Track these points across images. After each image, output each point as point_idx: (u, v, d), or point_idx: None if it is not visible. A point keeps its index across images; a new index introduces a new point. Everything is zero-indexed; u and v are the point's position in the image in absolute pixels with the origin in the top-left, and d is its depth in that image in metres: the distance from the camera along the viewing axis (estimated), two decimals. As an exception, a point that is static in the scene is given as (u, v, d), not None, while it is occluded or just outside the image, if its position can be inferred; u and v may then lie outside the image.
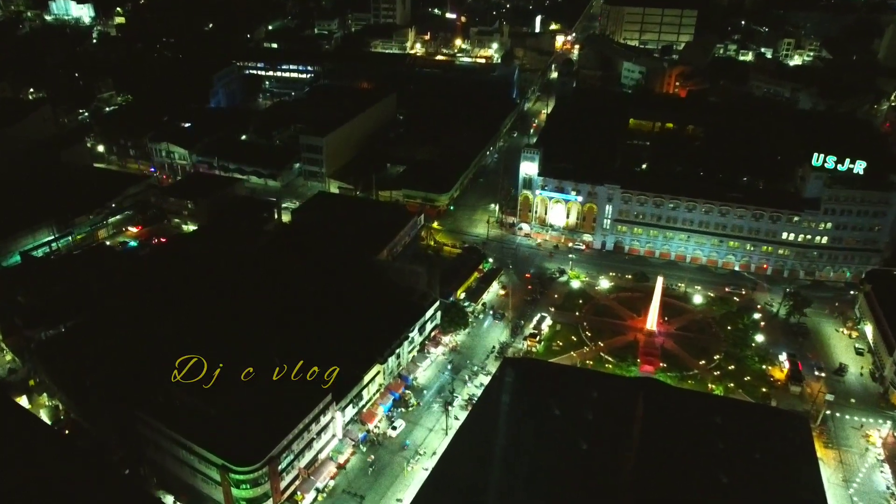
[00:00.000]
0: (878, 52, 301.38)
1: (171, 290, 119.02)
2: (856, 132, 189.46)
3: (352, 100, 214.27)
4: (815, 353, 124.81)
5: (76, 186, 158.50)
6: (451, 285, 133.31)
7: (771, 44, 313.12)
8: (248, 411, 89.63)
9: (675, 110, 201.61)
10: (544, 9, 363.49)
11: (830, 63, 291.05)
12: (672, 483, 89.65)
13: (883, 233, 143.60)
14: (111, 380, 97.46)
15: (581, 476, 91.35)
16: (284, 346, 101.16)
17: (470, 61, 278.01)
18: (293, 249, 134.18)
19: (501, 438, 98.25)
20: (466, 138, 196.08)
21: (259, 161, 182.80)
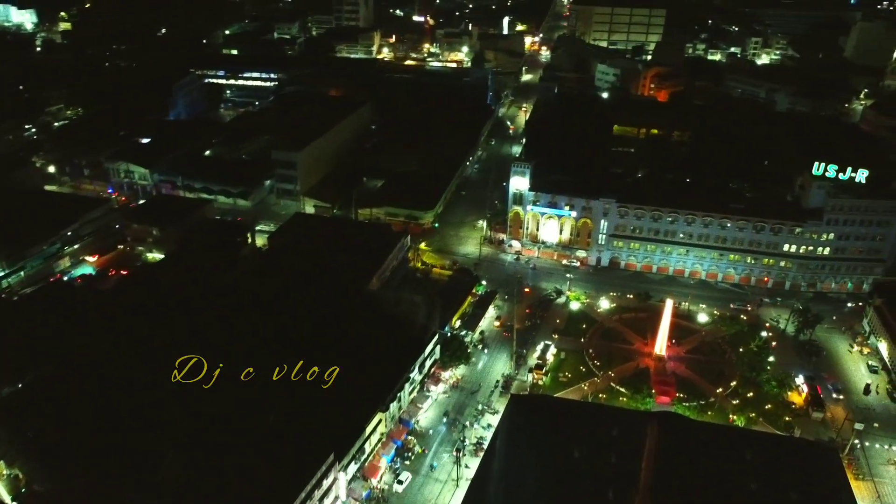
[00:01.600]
0: (844, 50, 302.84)
1: (141, 330, 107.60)
2: (844, 135, 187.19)
3: (322, 108, 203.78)
4: (831, 374, 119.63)
5: (26, 213, 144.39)
6: (446, 313, 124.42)
7: (739, 42, 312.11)
8: (243, 481, 79.33)
9: (659, 115, 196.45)
10: (508, 9, 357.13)
11: (800, 61, 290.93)
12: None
13: (887, 243, 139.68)
14: (82, 444, 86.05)
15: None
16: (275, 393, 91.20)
17: (440, 65, 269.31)
18: (273, 280, 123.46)
19: (520, 489, 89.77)
20: (446, 148, 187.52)
21: (227, 179, 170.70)
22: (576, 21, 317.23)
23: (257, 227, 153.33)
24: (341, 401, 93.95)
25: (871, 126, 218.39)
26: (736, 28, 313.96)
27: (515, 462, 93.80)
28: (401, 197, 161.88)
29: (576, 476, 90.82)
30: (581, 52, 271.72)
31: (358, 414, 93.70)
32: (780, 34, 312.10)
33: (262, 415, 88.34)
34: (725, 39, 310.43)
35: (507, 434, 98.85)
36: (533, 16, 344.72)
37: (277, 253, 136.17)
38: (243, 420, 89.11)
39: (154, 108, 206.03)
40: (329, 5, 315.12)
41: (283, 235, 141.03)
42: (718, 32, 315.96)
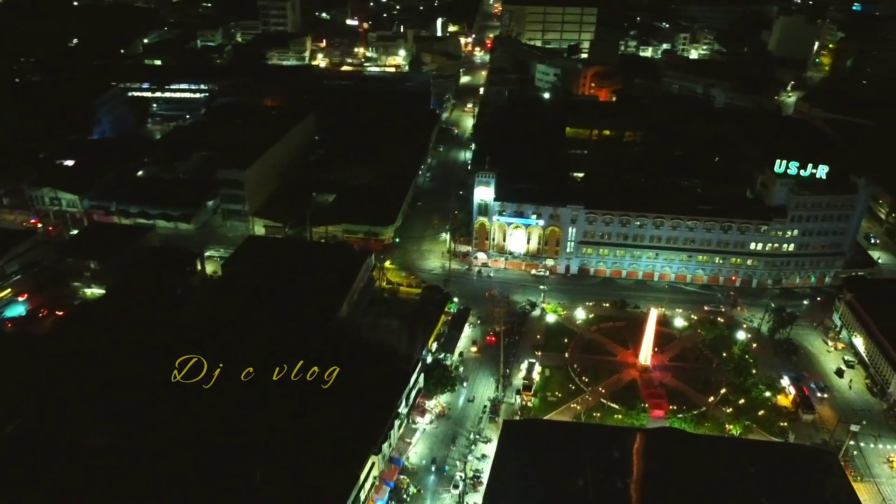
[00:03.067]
0: (767, 44, 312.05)
1: (88, 382, 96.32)
2: (790, 128, 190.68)
3: (261, 120, 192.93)
4: (811, 372, 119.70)
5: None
6: (422, 336, 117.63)
7: (668, 39, 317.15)
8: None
9: (610, 116, 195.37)
10: (436, 10, 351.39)
11: (728, 56, 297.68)
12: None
13: (847, 236, 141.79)
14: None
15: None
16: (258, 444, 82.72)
17: (379, 70, 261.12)
18: (233, 313, 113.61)
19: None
20: (397, 157, 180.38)
21: (165, 201, 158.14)
22: (509, 21, 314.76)
23: (207, 252, 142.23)
24: (330, 446, 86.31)
25: (805, 118, 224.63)
26: (667, 25, 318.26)
27: (520, 497, 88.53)
28: (358, 212, 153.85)
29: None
30: (519, 53, 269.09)
31: (350, 460, 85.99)
32: (707, 30, 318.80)
33: (246, 473, 79.58)
34: (656, 36, 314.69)
35: (506, 465, 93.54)
36: (463, 16, 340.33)
37: (233, 282, 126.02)
38: (225, 480, 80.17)
39: (75, 126, 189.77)
40: (254, 10, 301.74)
41: (238, 261, 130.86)
42: (648, 29, 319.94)
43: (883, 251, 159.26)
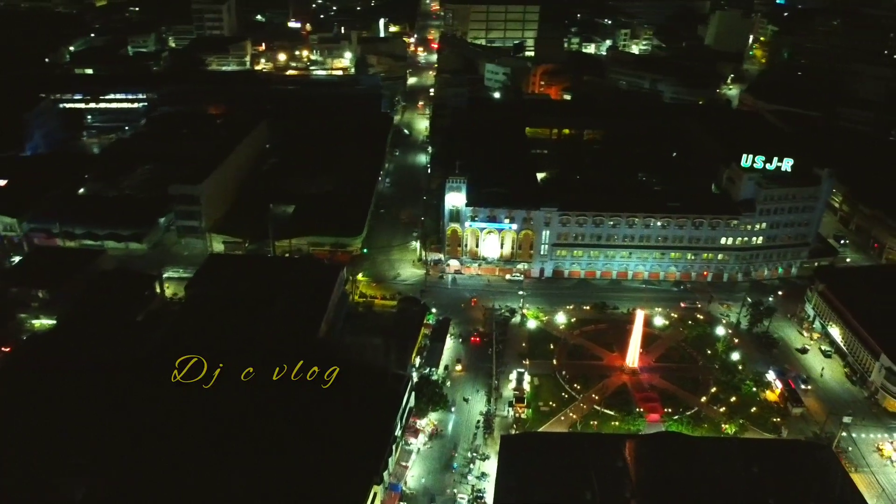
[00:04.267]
0: (704, 38, 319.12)
1: (46, 424, 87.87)
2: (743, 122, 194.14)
3: (208, 130, 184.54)
4: (792, 365, 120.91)
5: None
6: (404, 351, 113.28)
7: (609, 35, 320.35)
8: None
9: (570, 115, 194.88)
10: (374, 10, 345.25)
11: (668, 51, 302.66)
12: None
13: (811, 227, 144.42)
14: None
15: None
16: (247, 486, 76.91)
17: (326, 73, 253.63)
18: (202, 340, 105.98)
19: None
20: (355, 163, 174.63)
21: (113, 220, 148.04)
22: (452, 20, 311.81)
23: (166, 274, 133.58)
24: (330, 478, 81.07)
25: (748, 108, 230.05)
26: (610, 21, 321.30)
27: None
28: (321, 223, 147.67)
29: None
30: (466, 53, 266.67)
31: (352, 494, 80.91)
32: (646, 25, 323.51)
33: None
34: (598, 33, 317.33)
35: (509, 484, 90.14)
36: (403, 16, 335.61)
37: (199, 305, 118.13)
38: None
39: (5, 142, 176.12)
40: (187, 14, 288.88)
41: (202, 283, 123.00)
42: (590, 26, 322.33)
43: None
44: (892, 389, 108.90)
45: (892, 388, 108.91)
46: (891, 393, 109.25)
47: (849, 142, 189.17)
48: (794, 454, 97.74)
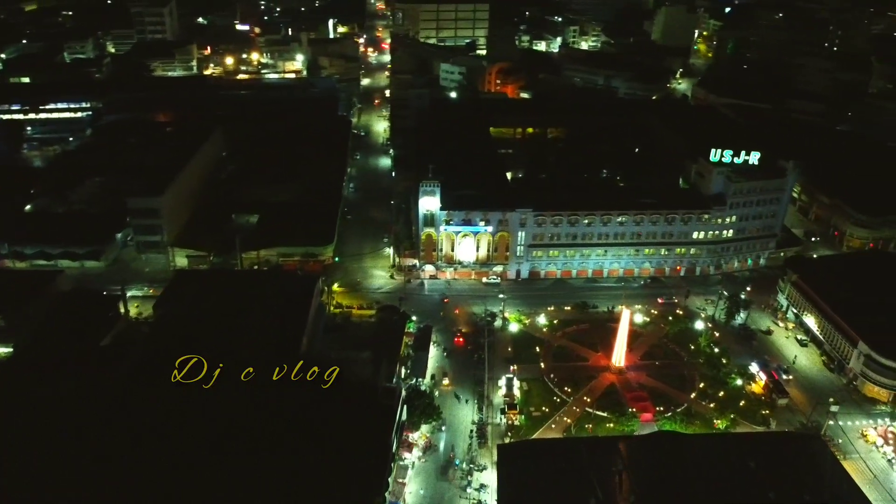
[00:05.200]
0: (651, 34, 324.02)
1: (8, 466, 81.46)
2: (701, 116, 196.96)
3: (161, 139, 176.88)
4: (772, 356, 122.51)
5: None
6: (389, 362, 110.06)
7: (559, 32, 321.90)
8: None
9: (532, 113, 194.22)
10: (318, 10, 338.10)
11: (617, 47, 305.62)
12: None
13: (778, 218, 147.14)
14: None
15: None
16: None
17: (278, 77, 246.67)
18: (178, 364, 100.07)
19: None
20: (317, 168, 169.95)
21: (66, 237, 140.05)
22: (403, 20, 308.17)
23: (129, 293, 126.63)
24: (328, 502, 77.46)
25: (701, 102, 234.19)
26: (560, 18, 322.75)
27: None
28: (289, 232, 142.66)
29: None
30: (420, 53, 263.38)
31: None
32: (594, 22, 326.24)
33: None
34: (548, 30, 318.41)
35: (511, 494, 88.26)
36: (350, 16, 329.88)
37: (169, 325, 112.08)
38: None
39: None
40: (125, 18, 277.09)
41: (171, 301, 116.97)
42: (540, 23, 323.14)
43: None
44: (872, 376, 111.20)
45: (871, 374, 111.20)
46: (870, 379, 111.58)
47: (800, 133, 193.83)
48: (786, 446, 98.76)
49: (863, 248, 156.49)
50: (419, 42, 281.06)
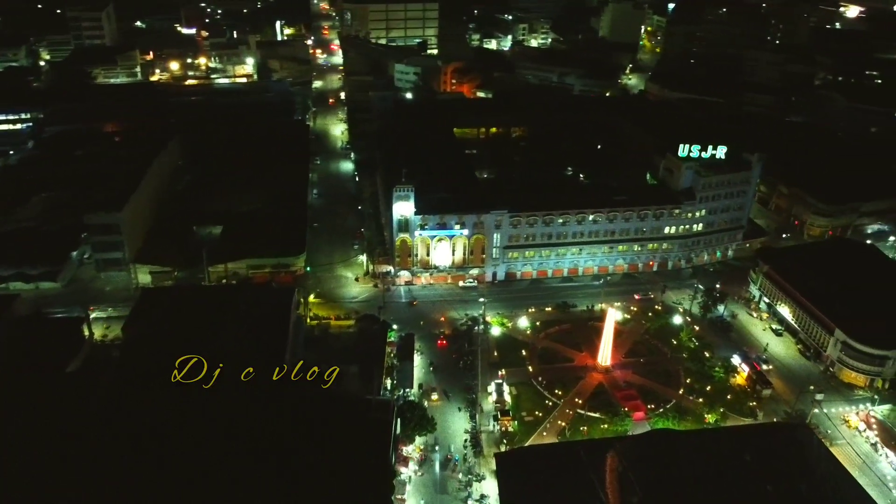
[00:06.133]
0: (598, 30, 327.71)
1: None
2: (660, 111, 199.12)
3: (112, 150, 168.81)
4: (750, 347, 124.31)
5: None
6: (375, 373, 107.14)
7: (508, 30, 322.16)
8: None
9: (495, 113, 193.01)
10: (260, 11, 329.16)
11: (566, 44, 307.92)
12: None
13: (745, 210, 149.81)
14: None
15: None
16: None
17: (229, 81, 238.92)
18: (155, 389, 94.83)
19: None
20: (279, 175, 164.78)
21: (18, 258, 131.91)
22: (351, 20, 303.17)
23: (93, 315, 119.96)
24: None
25: (655, 97, 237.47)
26: (510, 16, 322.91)
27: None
28: (255, 243, 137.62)
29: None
30: (373, 54, 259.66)
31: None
32: (542, 19, 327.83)
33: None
34: (498, 28, 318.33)
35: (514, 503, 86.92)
36: (295, 17, 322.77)
37: (141, 347, 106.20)
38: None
39: None
40: (59, 22, 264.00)
41: (141, 321, 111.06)
42: (490, 21, 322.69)
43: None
44: (849, 362, 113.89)
45: (848, 360, 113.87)
46: (848, 365, 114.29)
47: (753, 125, 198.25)
48: (776, 437, 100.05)
49: (822, 236, 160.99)
50: (370, 43, 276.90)
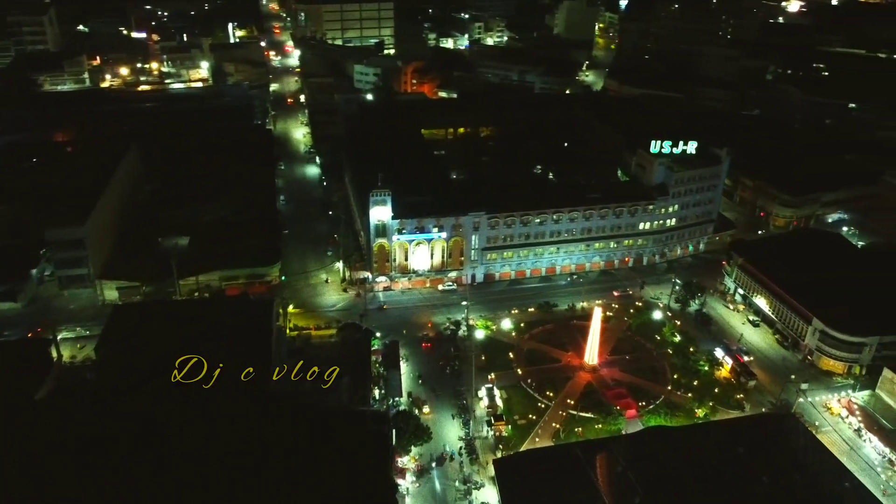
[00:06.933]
0: (553, 28, 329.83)
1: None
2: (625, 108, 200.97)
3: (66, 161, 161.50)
4: (730, 339, 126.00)
5: None
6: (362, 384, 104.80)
7: (464, 29, 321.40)
8: None
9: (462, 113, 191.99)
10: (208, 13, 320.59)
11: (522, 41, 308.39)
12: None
13: (716, 204, 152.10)
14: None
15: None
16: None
17: (185, 86, 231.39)
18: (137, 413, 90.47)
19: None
20: (245, 182, 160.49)
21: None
22: (305, 21, 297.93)
23: (60, 335, 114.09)
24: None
25: (616, 94, 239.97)
26: (466, 15, 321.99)
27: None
28: (232, 254, 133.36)
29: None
30: (330, 55, 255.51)
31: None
32: (498, 18, 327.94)
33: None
34: (454, 27, 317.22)
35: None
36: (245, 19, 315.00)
37: (117, 368, 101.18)
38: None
39: None
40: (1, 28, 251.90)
41: (114, 340, 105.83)
42: (445, 20, 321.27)
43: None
44: (827, 350, 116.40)
45: (826, 348, 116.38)
46: (826, 353, 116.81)
47: (712, 120, 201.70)
48: (766, 428, 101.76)
49: (787, 226, 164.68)
50: (327, 43, 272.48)
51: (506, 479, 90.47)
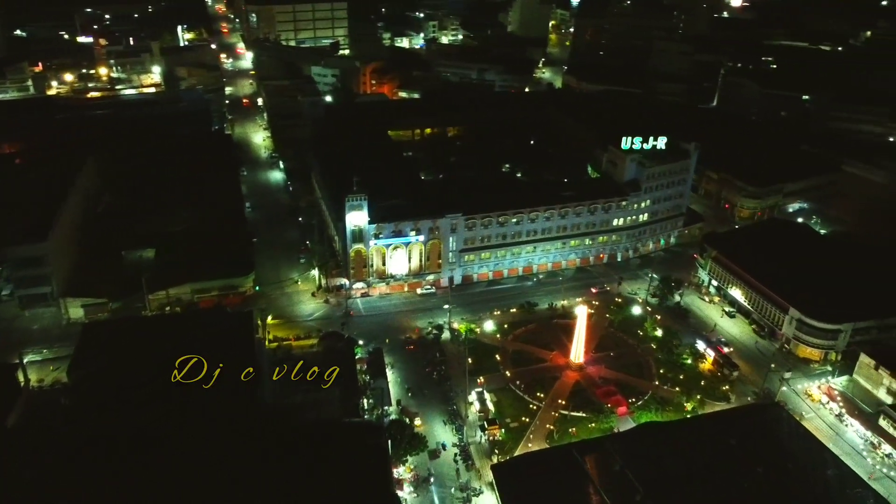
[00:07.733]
0: (506, 26, 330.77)
1: None
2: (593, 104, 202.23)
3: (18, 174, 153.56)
4: (709, 331, 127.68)
5: None
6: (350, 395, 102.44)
7: (419, 28, 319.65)
8: None
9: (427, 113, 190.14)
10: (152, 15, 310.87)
11: (476, 40, 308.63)
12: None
13: (685, 198, 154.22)
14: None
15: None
16: None
17: (137, 92, 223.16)
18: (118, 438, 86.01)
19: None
20: (209, 190, 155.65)
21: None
22: (257, 22, 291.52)
23: (27, 358, 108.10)
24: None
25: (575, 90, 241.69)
26: (420, 14, 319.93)
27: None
28: (204, 265, 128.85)
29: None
30: (285, 56, 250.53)
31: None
32: (451, 16, 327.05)
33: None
34: (408, 26, 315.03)
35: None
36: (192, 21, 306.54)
37: (93, 391, 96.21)
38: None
39: None
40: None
41: (88, 362, 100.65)
42: (399, 20, 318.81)
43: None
44: (804, 338, 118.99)
45: (803, 336, 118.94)
46: (803, 341, 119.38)
47: (670, 114, 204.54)
48: (753, 418, 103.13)
49: (752, 217, 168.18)
50: (282, 45, 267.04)
51: (505, 484, 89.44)
